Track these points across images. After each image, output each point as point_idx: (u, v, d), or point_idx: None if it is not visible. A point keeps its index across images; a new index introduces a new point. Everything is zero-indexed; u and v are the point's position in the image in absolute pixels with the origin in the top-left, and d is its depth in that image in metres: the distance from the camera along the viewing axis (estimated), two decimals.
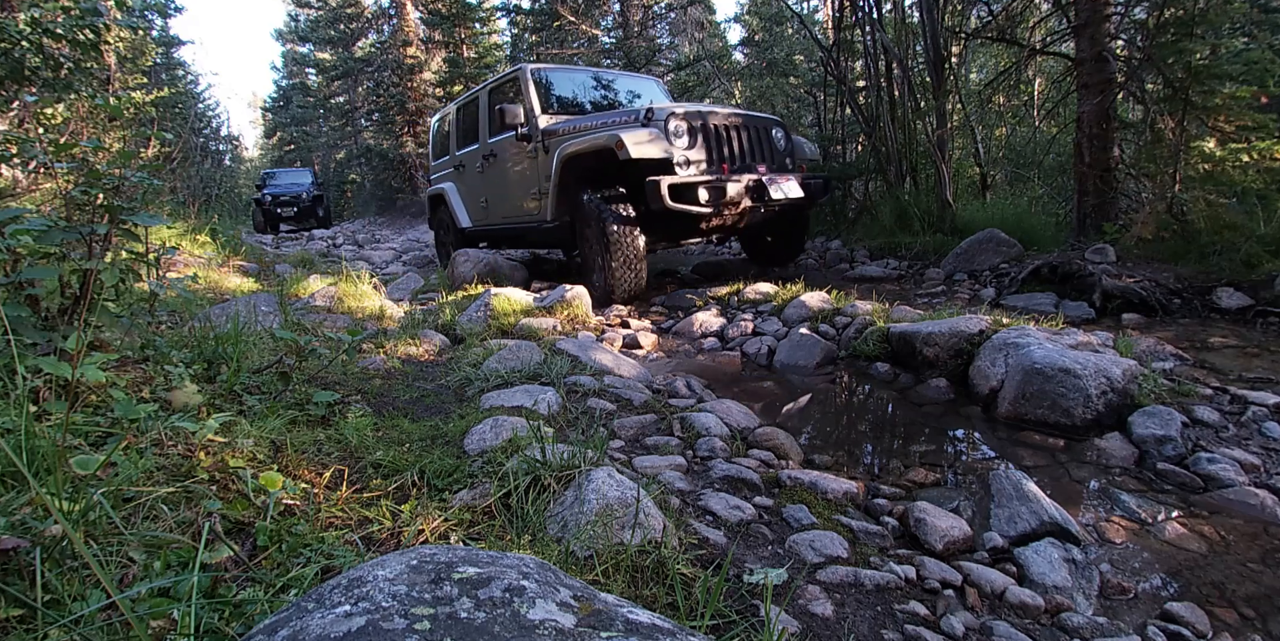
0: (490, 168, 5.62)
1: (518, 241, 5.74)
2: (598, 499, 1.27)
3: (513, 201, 5.33)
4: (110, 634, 0.80)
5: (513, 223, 5.38)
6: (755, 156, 4.35)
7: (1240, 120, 3.92)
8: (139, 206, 1.72)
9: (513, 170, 5.28)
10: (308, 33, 24.34)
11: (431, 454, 1.64)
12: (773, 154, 4.46)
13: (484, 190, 5.79)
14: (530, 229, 5.08)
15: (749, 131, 4.34)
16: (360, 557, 1.10)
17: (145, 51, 10.44)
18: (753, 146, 4.35)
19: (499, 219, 5.60)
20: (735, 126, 4.27)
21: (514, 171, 5.27)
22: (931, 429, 2.15)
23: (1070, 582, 1.33)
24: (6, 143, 2.09)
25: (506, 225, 5.50)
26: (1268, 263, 3.29)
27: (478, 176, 5.86)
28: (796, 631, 1.11)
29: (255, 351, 2.20)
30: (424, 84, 18.02)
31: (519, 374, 2.37)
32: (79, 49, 4.35)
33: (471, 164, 5.95)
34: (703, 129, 4.10)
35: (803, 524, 1.48)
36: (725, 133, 4.21)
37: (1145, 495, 1.69)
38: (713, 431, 1.95)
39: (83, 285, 1.59)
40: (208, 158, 17.57)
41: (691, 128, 4.04)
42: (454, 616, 0.62)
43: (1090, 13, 4.36)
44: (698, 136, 4.07)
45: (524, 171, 5.11)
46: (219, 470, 1.27)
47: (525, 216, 5.16)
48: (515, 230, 5.39)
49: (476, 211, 6.01)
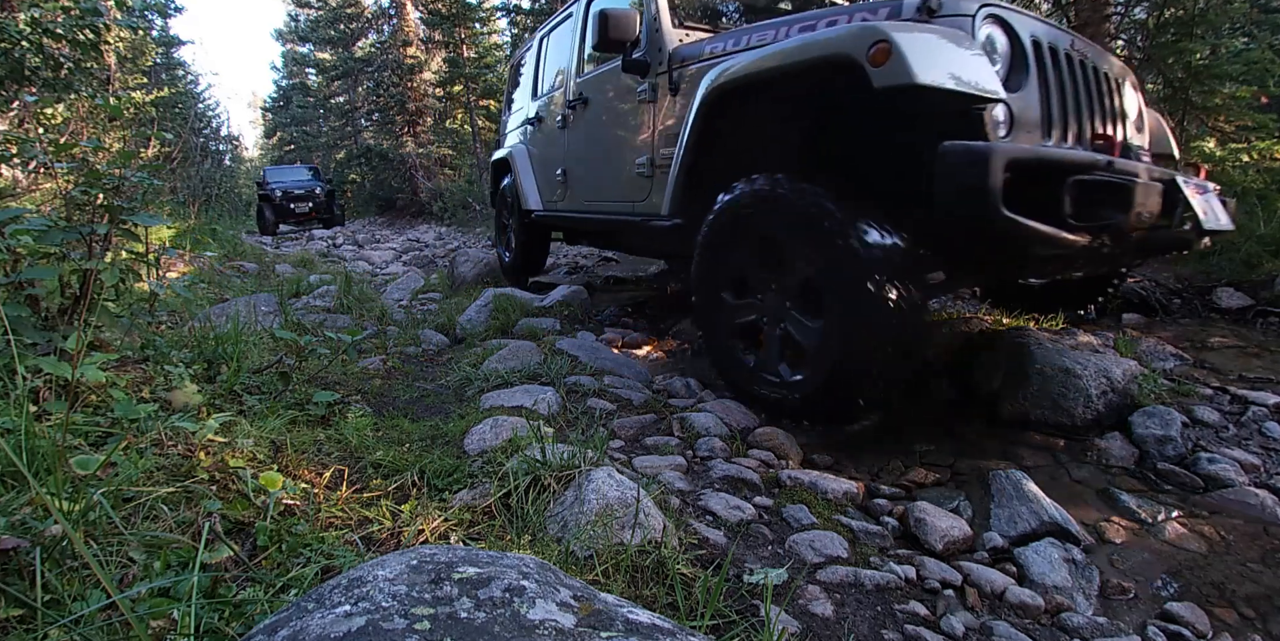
0: (577, 121, 3.60)
1: (608, 240, 4.03)
2: (598, 499, 1.27)
3: (607, 175, 3.28)
4: (110, 634, 0.80)
5: (602, 211, 3.35)
6: (1107, 123, 2.10)
7: (1240, 120, 3.92)
8: (139, 206, 1.72)
9: (612, 123, 3.24)
10: (308, 33, 24.34)
11: (431, 454, 1.64)
12: (1127, 124, 2.24)
13: (564, 156, 3.78)
14: (630, 225, 3.04)
15: (1099, 77, 2.10)
16: (360, 557, 1.10)
17: (145, 51, 10.44)
18: (1105, 107, 2.10)
19: (581, 202, 3.60)
20: (1084, 62, 2.04)
21: (614, 125, 3.22)
22: (932, 428, 2.15)
23: (1070, 582, 1.33)
24: (6, 143, 2.09)
25: (592, 214, 3.45)
26: (1268, 263, 3.29)
27: (556, 135, 3.88)
28: (796, 631, 1.11)
29: (255, 351, 2.20)
30: (424, 84, 18.02)
31: (519, 374, 2.37)
32: (79, 49, 4.35)
33: (551, 116, 3.99)
34: (1037, 54, 1.87)
35: (803, 524, 1.48)
36: (1074, 69, 1.99)
37: (1145, 495, 1.69)
38: (712, 431, 1.95)
39: (83, 285, 1.59)
40: (208, 158, 17.51)
41: (1015, 47, 1.85)
42: (454, 616, 0.62)
43: (1090, 13, 4.36)
44: (1027, 68, 1.84)
45: (631, 125, 3.03)
46: (219, 470, 1.27)
47: (623, 202, 3.12)
48: (605, 223, 3.37)
49: (550, 188, 4.00)
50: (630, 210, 3.04)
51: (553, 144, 3.99)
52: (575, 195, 3.68)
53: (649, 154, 2.86)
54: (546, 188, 4.11)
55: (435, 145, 17.59)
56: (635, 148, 2.98)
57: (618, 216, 3.17)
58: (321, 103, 25.42)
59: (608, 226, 3.41)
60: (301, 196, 14.20)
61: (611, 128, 3.22)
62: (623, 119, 3.10)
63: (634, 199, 3.01)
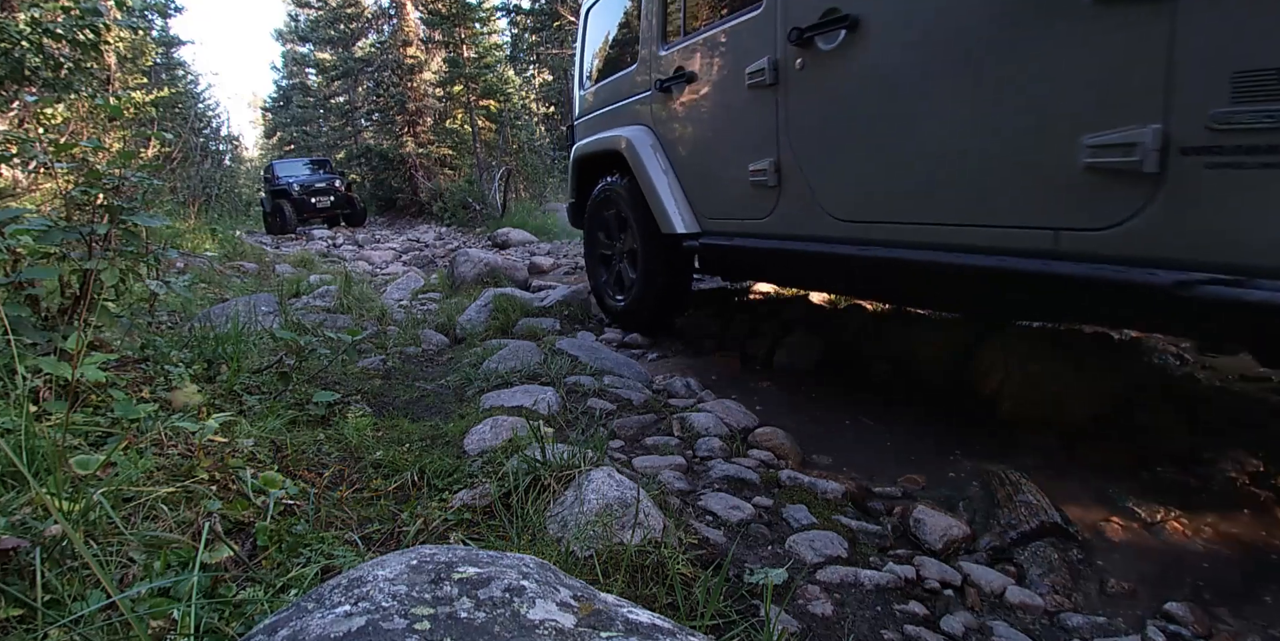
0: (835, 64, 1.83)
1: (951, 299, 2.16)
2: (598, 499, 1.28)
3: (970, 164, 1.49)
4: (110, 634, 0.80)
5: (954, 244, 1.56)
6: None
7: None
8: (139, 206, 1.72)
9: (1008, 56, 1.40)
10: (308, 33, 24.35)
11: (431, 454, 1.64)
12: None
13: (778, 135, 2.07)
14: (1051, 279, 1.34)
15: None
16: (360, 557, 1.10)
17: (145, 51, 10.44)
18: None
19: (861, 220, 1.82)
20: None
21: (1013, 60, 1.39)
22: (932, 428, 2.15)
23: (1070, 582, 1.33)
24: (6, 143, 2.09)
25: (911, 248, 1.66)
26: None
27: (748, 102, 2.20)
28: (796, 631, 1.11)
29: (255, 351, 2.20)
30: (424, 84, 18.03)
31: (519, 374, 2.37)
32: (79, 49, 4.35)
33: (723, 71, 2.36)
34: None
35: (802, 524, 1.48)
36: None
37: (1145, 495, 1.69)
38: (712, 431, 1.95)
39: (83, 285, 1.59)
40: (208, 158, 17.46)
41: None
42: (454, 616, 0.62)
43: None
44: None
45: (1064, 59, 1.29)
46: (219, 470, 1.27)
47: (1029, 225, 1.39)
48: (963, 270, 1.52)
49: (722, 197, 2.43)
50: (1052, 244, 1.35)
51: (735, 118, 2.26)
52: (829, 204, 1.90)
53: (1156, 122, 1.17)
54: (712, 196, 2.46)
55: (435, 145, 17.59)
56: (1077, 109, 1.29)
57: (1020, 257, 1.41)
58: (321, 103, 25.42)
59: (968, 276, 1.54)
60: (323, 190, 12.88)
61: (1009, 64, 1.40)
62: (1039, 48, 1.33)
63: (1076, 217, 1.32)
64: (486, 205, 12.70)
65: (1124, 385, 2.13)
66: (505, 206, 12.41)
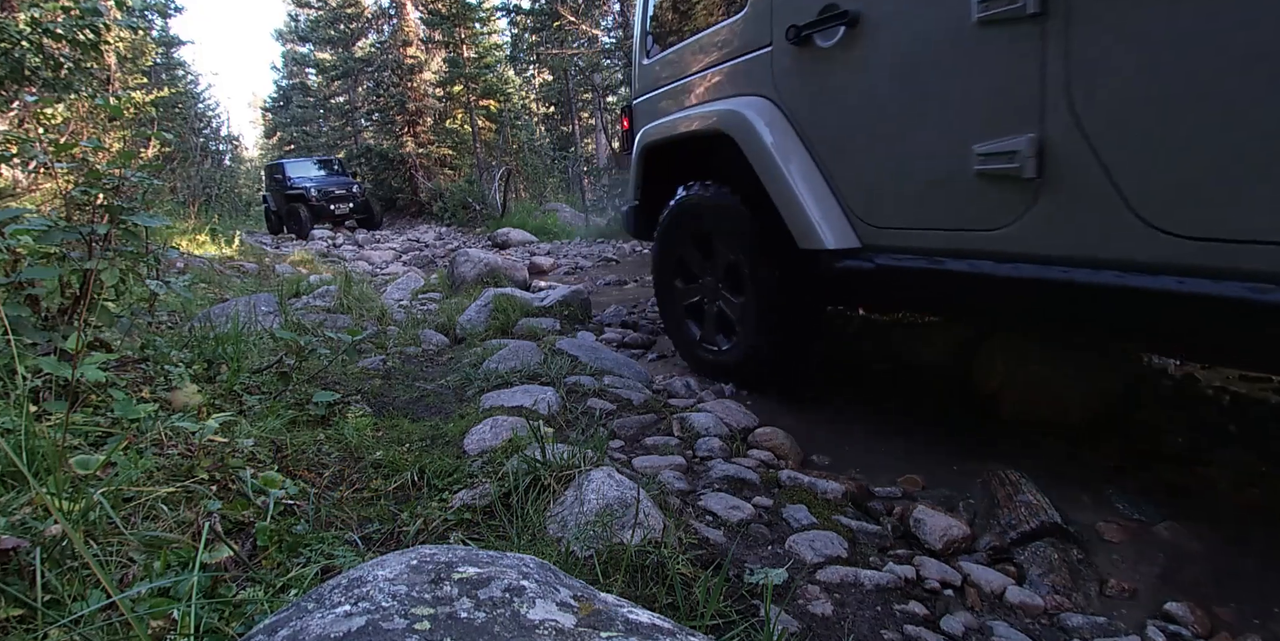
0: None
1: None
2: (597, 498, 1.28)
3: None
4: (110, 634, 0.80)
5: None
6: None
7: None
8: (139, 206, 1.72)
9: None
10: (308, 33, 24.34)
11: (431, 454, 1.64)
12: None
13: (989, 102, 1.40)
14: None
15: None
16: (360, 557, 1.10)
17: (145, 51, 10.45)
18: None
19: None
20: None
21: None
22: (931, 428, 2.15)
23: (1070, 583, 1.33)
24: (6, 143, 2.09)
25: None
26: None
27: (983, 51, 1.39)
28: (796, 631, 1.11)
29: (255, 351, 2.20)
30: (424, 84, 18.03)
31: (519, 374, 2.37)
32: (79, 49, 4.36)
33: (910, 12, 1.55)
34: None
35: (802, 524, 1.48)
36: None
37: (1145, 495, 1.69)
38: (712, 431, 1.95)
39: (83, 285, 1.59)
40: (208, 158, 17.45)
41: None
42: (454, 616, 0.62)
43: None
44: None
45: None
46: (219, 470, 1.27)
47: None
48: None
49: (919, 191, 1.60)
50: None
51: (946, 74, 1.51)
52: (1152, 209, 1.18)
53: None
54: (889, 195, 1.71)
55: (435, 145, 17.60)
56: None
57: None
58: (321, 103, 25.43)
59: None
60: (341, 196, 12.55)
61: None
62: None
63: None
64: (486, 205, 12.71)
65: (1124, 385, 2.13)
66: (505, 206, 12.42)
